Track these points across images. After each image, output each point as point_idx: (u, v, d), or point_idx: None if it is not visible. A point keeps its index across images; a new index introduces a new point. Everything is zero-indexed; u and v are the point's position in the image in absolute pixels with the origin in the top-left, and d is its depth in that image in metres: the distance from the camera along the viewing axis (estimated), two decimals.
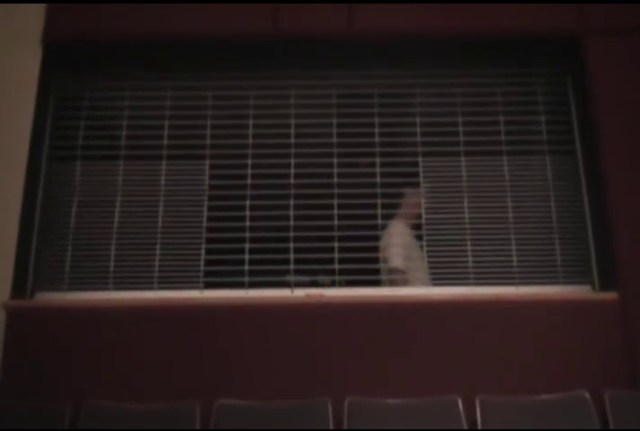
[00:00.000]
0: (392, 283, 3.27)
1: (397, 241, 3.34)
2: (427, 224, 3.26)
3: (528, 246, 3.21)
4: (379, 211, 3.30)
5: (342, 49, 3.47)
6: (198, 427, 2.71)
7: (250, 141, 3.40)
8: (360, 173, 3.36)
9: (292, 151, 3.38)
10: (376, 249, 3.27)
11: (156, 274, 3.17)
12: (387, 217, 3.41)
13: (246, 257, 3.19)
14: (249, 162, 3.37)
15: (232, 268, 3.17)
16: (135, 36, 3.43)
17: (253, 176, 3.33)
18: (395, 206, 3.41)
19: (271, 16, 3.41)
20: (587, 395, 2.76)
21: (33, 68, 3.37)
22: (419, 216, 3.38)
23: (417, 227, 3.36)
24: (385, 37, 3.43)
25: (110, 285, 3.14)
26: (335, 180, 3.32)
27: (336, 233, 3.26)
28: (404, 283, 3.26)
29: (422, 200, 3.37)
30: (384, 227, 3.39)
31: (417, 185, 3.38)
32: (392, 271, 3.28)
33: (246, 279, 3.14)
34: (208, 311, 3.02)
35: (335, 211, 3.28)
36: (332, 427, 2.71)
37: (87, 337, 2.96)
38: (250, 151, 3.38)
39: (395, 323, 2.97)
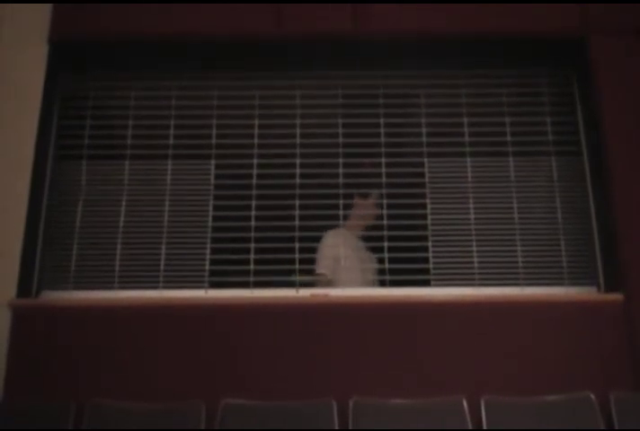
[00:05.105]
0: (316, 284, 3.30)
1: (325, 244, 3.37)
2: (433, 225, 3.26)
3: (533, 247, 3.20)
4: (385, 211, 3.30)
5: (347, 49, 3.47)
6: (203, 427, 2.71)
7: (255, 141, 3.40)
8: (365, 174, 3.36)
9: (298, 151, 3.38)
10: (381, 249, 3.27)
11: (162, 273, 3.17)
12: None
13: (252, 256, 3.19)
14: (254, 161, 3.37)
15: (237, 268, 3.17)
16: (141, 36, 3.43)
17: (259, 176, 3.34)
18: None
19: (276, 16, 3.41)
20: (592, 396, 2.76)
21: (39, 68, 3.37)
22: (369, 220, 3.40)
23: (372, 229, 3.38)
24: (390, 37, 3.43)
25: (115, 284, 3.15)
26: (341, 180, 3.32)
27: None
28: (328, 284, 3.28)
29: (372, 204, 3.41)
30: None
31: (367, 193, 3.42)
32: (316, 274, 3.32)
33: (251, 279, 3.14)
34: (213, 310, 3.02)
35: (341, 211, 3.28)
36: (337, 427, 2.71)
37: (92, 336, 2.96)
38: (255, 151, 3.38)
39: (401, 323, 2.97)
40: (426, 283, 3.17)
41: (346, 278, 3.32)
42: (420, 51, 3.47)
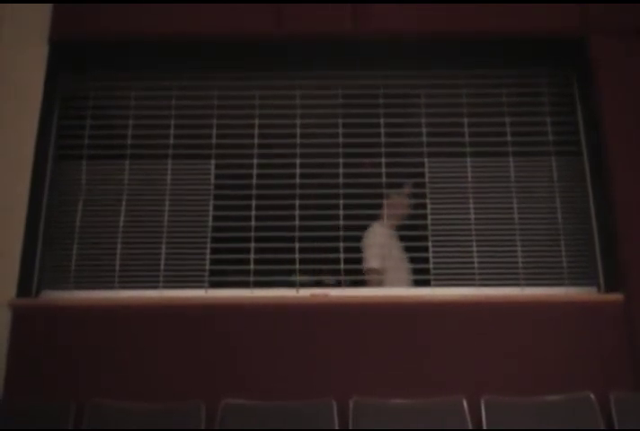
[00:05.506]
0: (368, 283, 3.30)
1: (374, 243, 3.37)
2: (433, 225, 3.26)
3: (533, 247, 3.20)
4: (385, 211, 3.30)
5: (347, 49, 3.47)
6: (203, 427, 2.71)
7: (255, 141, 3.41)
8: (365, 173, 3.36)
9: (298, 151, 3.38)
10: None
11: (162, 273, 3.17)
12: (371, 218, 3.44)
13: (252, 256, 3.19)
14: (255, 161, 3.37)
15: (237, 268, 3.18)
16: (141, 36, 3.43)
17: (259, 176, 3.34)
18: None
19: (276, 16, 3.41)
20: (592, 396, 2.76)
21: (39, 68, 3.38)
22: (403, 217, 3.41)
23: (402, 228, 3.39)
24: (390, 37, 3.43)
25: (115, 283, 3.15)
26: (341, 180, 3.32)
27: (341, 233, 3.26)
28: (379, 283, 3.29)
29: (407, 201, 3.41)
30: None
31: (400, 187, 3.43)
32: (368, 272, 3.31)
33: (251, 279, 3.14)
34: (213, 310, 3.02)
35: (341, 211, 3.28)
36: (337, 427, 2.71)
37: (92, 335, 2.96)
38: (255, 151, 3.39)
39: (401, 323, 2.97)
40: (426, 283, 3.17)
41: (394, 278, 3.32)
42: (420, 51, 3.47)
